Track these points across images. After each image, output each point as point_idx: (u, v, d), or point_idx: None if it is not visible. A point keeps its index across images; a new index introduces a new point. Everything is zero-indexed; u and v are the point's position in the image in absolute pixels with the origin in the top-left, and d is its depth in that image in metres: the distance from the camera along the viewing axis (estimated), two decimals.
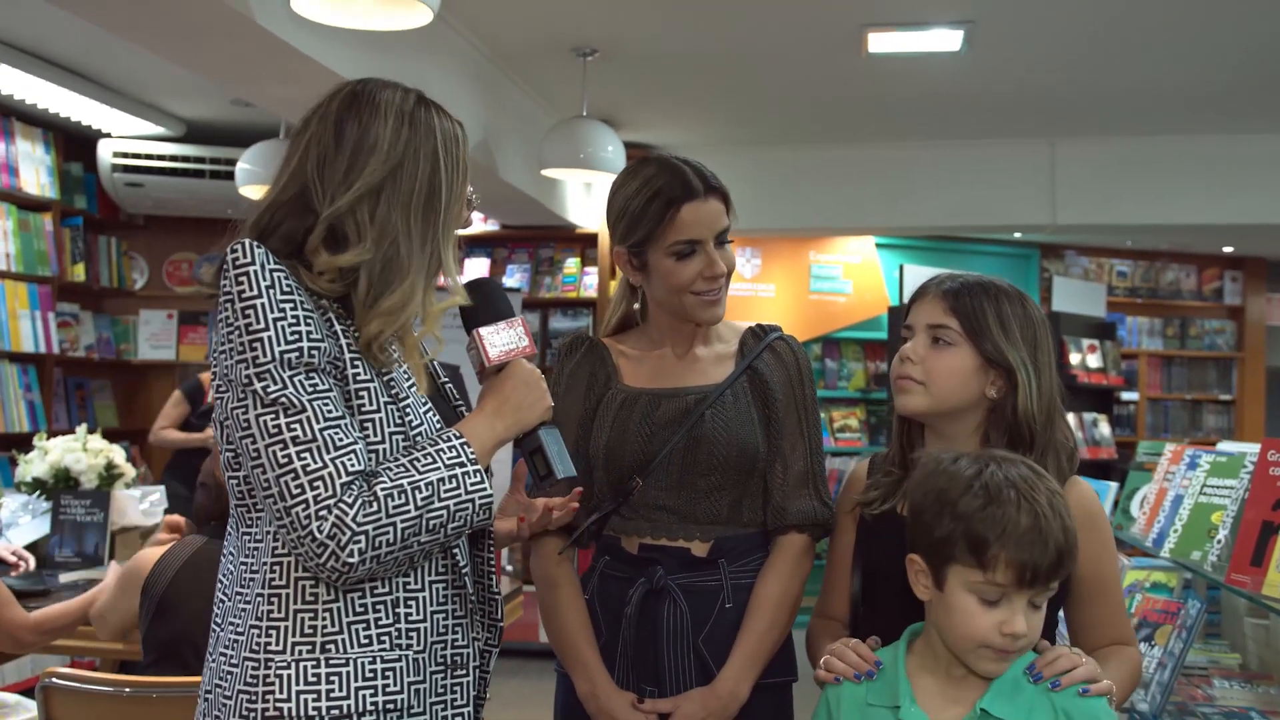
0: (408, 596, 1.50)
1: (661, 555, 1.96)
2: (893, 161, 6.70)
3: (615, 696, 1.92)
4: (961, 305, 1.78)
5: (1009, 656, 1.52)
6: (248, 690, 1.43)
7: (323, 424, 1.40)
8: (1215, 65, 5.14)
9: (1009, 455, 1.58)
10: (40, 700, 2.33)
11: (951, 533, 1.50)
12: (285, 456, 1.38)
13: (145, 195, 6.13)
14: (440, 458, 1.46)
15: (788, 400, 2.01)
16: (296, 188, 1.51)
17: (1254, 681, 2.41)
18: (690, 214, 1.94)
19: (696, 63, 5.19)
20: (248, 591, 1.47)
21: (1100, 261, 8.46)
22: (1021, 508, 1.48)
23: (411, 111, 1.54)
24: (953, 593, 1.52)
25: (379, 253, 1.48)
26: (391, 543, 1.40)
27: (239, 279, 1.41)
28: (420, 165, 1.52)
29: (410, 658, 1.49)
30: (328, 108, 1.54)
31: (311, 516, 1.37)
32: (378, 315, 1.48)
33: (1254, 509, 2.10)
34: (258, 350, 1.40)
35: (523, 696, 5.35)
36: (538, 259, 7.01)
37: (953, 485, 1.53)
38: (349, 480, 1.39)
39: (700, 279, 1.97)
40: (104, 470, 3.81)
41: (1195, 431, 8.56)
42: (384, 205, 1.49)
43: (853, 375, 7.61)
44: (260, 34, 3.36)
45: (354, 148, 1.50)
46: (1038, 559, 1.47)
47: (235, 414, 1.41)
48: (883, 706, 1.58)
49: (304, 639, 1.44)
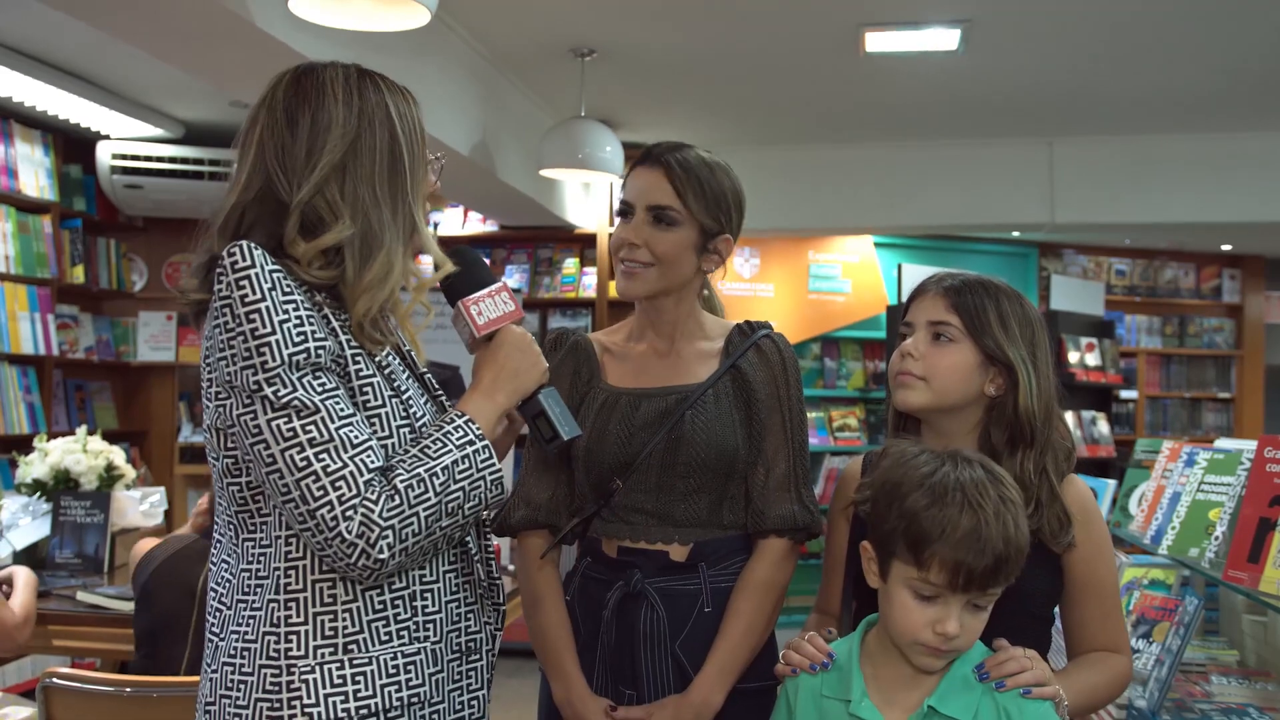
0: (424, 589, 1.51)
1: (640, 559, 1.94)
2: (891, 161, 6.71)
3: (590, 703, 1.91)
4: (963, 302, 1.79)
5: (942, 655, 1.53)
6: (268, 697, 1.41)
7: (337, 423, 1.39)
8: (1213, 63, 5.15)
9: (972, 457, 1.58)
10: (41, 700, 2.33)
11: (896, 527, 1.53)
12: (304, 459, 1.37)
13: (144, 197, 6.12)
14: (450, 440, 1.46)
15: (771, 401, 1.97)
16: (260, 183, 1.50)
17: (1252, 678, 2.42)
18: (632, 177, 1.99)
19: (694, 62, 5.19)
20: (255, 598, 1.45)
21: (1099, 260, 8.47)
22: (964, 511, 1.49)
23: (357, 84, 1.53)
24: (893, 585, 1.54)
25: (355, 228, 1.48)
26: (417, 533, 1.41)
27: (240, 283, 1.39)
28: (377, 134, 1.51)
29: (429, 649, 1.50)
30: (273, 98, 1.52)
31: (339, 518, 1.37)
32: (363, 291, 1.47)
33: (1251, 506, 2.10)
34: (266, 355, 1.38)
35: (523, 696, 5.36)
36: (536, 259, 7.01)
37: (905, 480, 1.55)
38: (370, 478, 1.39)
39: (622, 244, 1.97)
40: (104, 472, 3.81)
41: (1194, 429, 8.57)
42: (350, 180, 1.49)
43: (851, 374, 7.61)
44: (258, 36, 3.36)
45: (310, 131, 1.49)
46: (973, 563, 1.48)
47: (242, 420, 1.39)
48: (836, 699, 1.59)
49: (325, 641, 1.43)
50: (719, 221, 1.98)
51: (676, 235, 1.95)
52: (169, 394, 6.55)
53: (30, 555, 3.59)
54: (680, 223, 1.95)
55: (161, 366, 6.51)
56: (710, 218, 1.97)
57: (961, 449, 1.63)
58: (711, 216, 1.97)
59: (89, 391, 6.29)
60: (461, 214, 7.02)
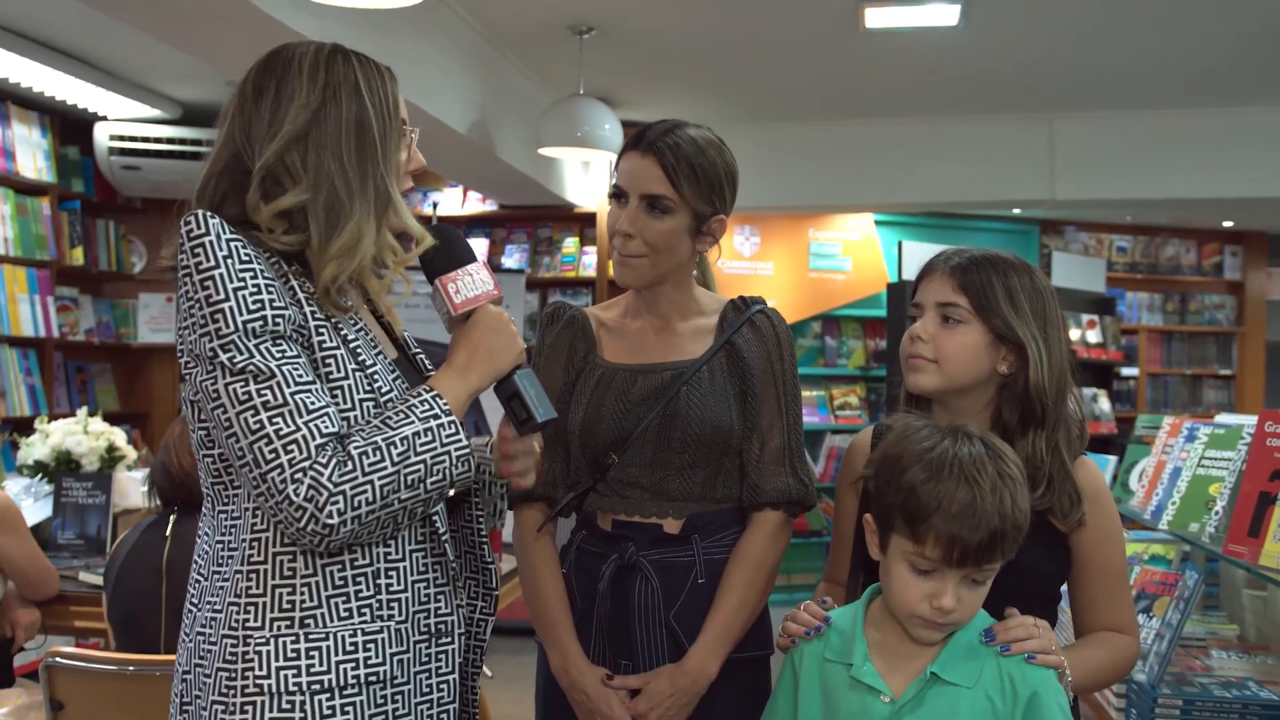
0: (388, 567, 1.50)
1: (634, 532, 1.96)
2: (891, 138, 6.68)
3: (587, 672, 1.93)
4: (970, 281, 1.77)
5: (939, 628, 1.54)
6: (227, 667, 1.43)
7: (293, 388, 1.39)
8: (1214, 39, 5.13)
9: (974, 432, 1.58)
10: (44, 679, 2.34)
11: (894, 501, 1.53)
12: (257, 423, 1.37)
13: (142, 178, 6.11)
14: (413, 413, 1.45)
15: (765, 376, 1.98)
16: (229, 154, 1.52)
17: (1251, 652, 2.43)
18: (624, 161, 1.99)
19: (693, 40, 5.17)
20: (225, 569, 1.47)
21: (1100, 237, 8.45)
22: (960, 486, 1.49)
23: (327, 59, 1.54)
24: (891, 559, 1.55)
25: (318, 196, 1.48)
26: (371, 501, 1.39)
27: (194, 250, 1.41)
28: (344, 105, 1.51)
29: (393, 628, 1.49)
30: (245, 78, 1.55)
31: (287, 480, 1.36)
32: (331, 259, 1.47)
33: (1251, 480, 2.11)
34: (220, 321, 1.39)
35: (525, 674, 5.36)
36: (536, 239, 7.01)
37: (906, 454, 1.55)
38: (323, 442, 1.38)
39: (615, 233, 1.98)
40: (105, 453, 3.82)
41: (1195, 406, 8.57)
42: (313, 150, 1.49)
43: (852, 353, 7.61)
44: (256, 15, 3.35)
45: (273, 101, 1.50)
46: (967, 538, 1.48)
47: (204, 386, 1.40)
48: (839, 663, 1.60)
49: (282, 614, 1.44)
50: (712, 204, 1.98)
51: (670, 223, 1.95)
52: (169, 375, 6.56)
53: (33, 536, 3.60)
54: (674, 210, 1.94)
55: (162, 348, 6.51)
56: (704, 201, 1.96)
57: (966, 424, 1.62)
58: (705, 200, 1.96)
59: (90, 373, 6.30)
60: (461, 193, 7.01)
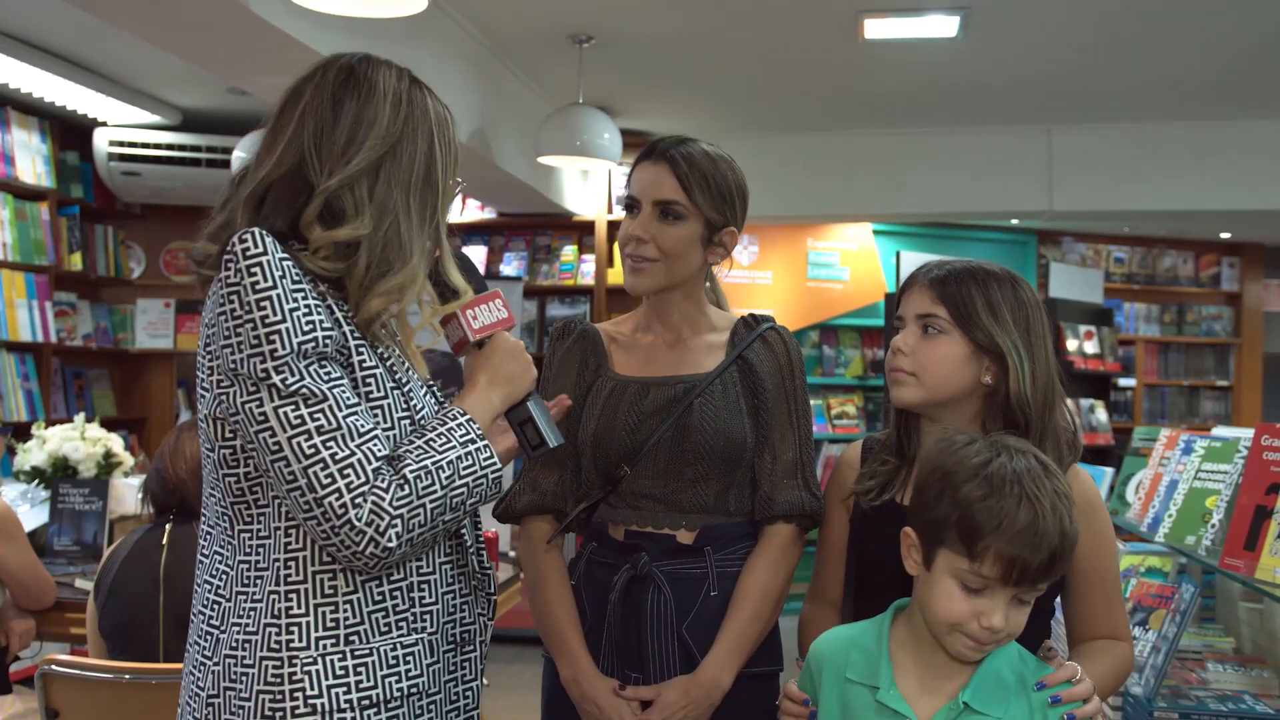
0: (420, 580, 1.51)
1: (647, 542, 1.96)
2: (889, 148, 6.69)
3: (598, 683, 1.92)
4: (949, 293, 1.77)
5: (983, 646, 1.51)
6: (270, 689, 1.41)
7: (344, 411, 1.40)
8: (1213, 50, 5.14)
9: (1022, 445, 1.56)
10: (40, 687, 2.33)
11: (947, 517, 1.49)
12: (311, 447, 1.37)
13: (141, 184, 6.11)
14: (454, 436, 1.47)
15: (778, 391, 1.99)
16: (293, 160, 1.49)
17: (1247, 665, 2.42)
18: (636, 172, 2.01)
19: (693, 49, 5.18)
20: (255, 590, 1.45)
21: (1097, 248, 8.47)
22: (1022, 504, 1.46)
23: (408, 91, 1.53)
24: (938, 574, 1.51)
25: (379, 231, 1.48)
26: (423, 523, 1.42)
27: (250, 269, 1.39)
28: (418, 144, 1.52)
29: (426, 640, 1.51)
30: (323, 79, 1.52)
31: (348, 505, 1.37)
32: (380, 295, 1.47)
33: (1248, 494, 2.11)
34: (275, 343, 1.38)
35: (522, 683, 5.37)
36: (535, 247, 7.01)
37: (959, 469, 1.51)
38: (379, 466, 1.39)
39: (628, 240, 1.99)
40: (102, 459, 3.81)
41: (1192, 417, 8.58)
42: (383, 183, 1.49)
43: (850, 362, 7.61)
44: (256, 22, 3.35)
45: (352, 123, 1.49)
46: (1028, 558, 1.46)
47: (247, 408, 1.39)
48: (862, 684, 1.57)
49: (327, 632, 1.43)
50: (724, 214, 2.00)
51: (683, 230, 1.97)
52: (167, 381, 6.56)
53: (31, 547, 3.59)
54: (686, 217, 1.97)
55: (160, 354, 6.51)
56: (715, 211, 1.98)
57: (1007, 437, 1.60)
58: (717, 210, 1.98)
59: (87, 379, 6.29)
60: (460, 201, 7.01)
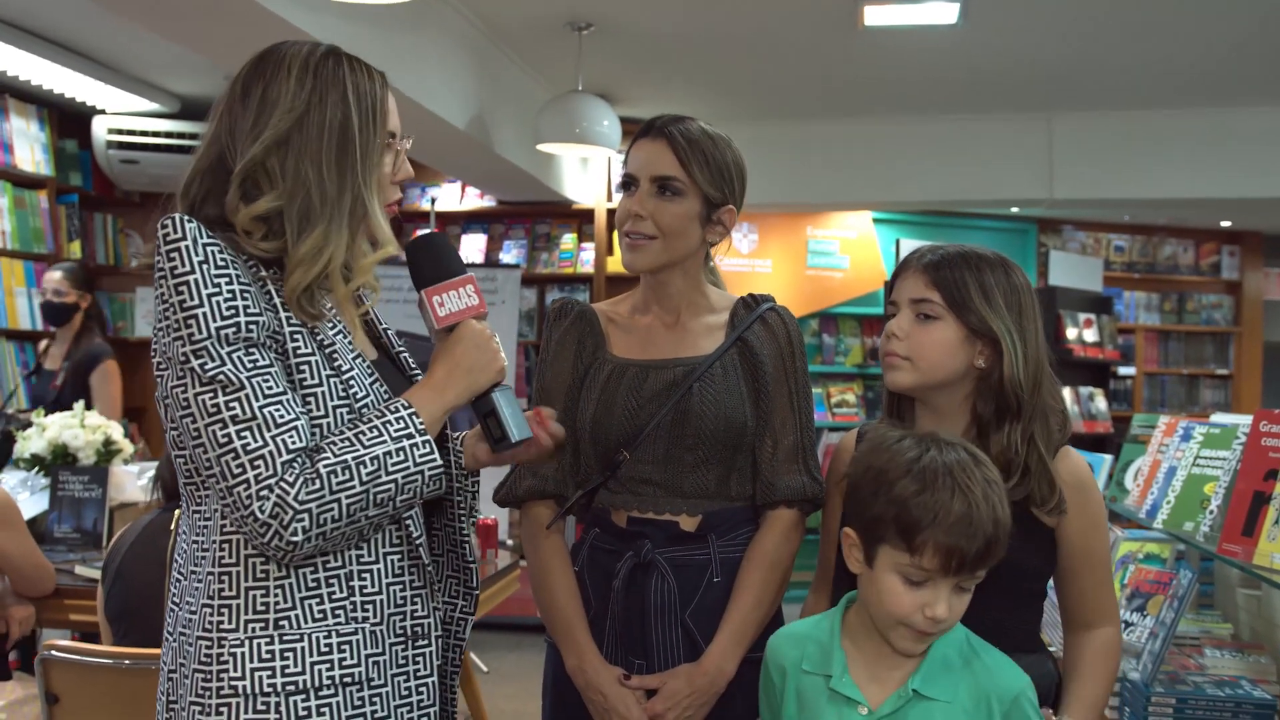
0: (361, 570, 1.50)
1: (650, 529, 1.95)
2: (889, 136, 6.68)
3: (603, 671, 1.91)
4: (943, 278, 1.78)
5: (927, 638, 1.54)
6: (202, 669, 1.43)
7: (262, 401, 1.39)
8: (1214, 38, 5.13)
9: (952, 440, 1.59)
10: (40, 673, 2.34)
11: (885, 514, 1.52)
12: (225, 435, 1.38)
13: (140, 172, 6.11)
14: (387, 430, 1.45)
15: (778, 374, 1.98)
16: (215, 153, 1.52)
17: (1245, 651, 2.43)
18: (634, 150, 2.00)
19: (692, 36, 5.17)
20: (200, 570, 1.47)
21: (1097, 236, 8.46)
22: (955, 496, 1.50)
23: (317, 63, 1.53)
24: (880, 571, 1.54)
25: (295, 202, 1.48)
26: (337, 519, 1.40)
27: (170, 254, 1.41)
28: (328, 113, 1.51)
29: (367, 630, 1.49)
30: (238, 75, 1.55)
31: (253, 496, 1.37)
32: (297, 265, 1.47)
33: (1246, 480, 2.11)
34: (193, 327, 1.39)
35: (522, 670, 5.38)
36: (534, 235, 7.00)
37: (891, 466, 1.54)
38: (290, 459, 1.38)
39: (626, 217, 1.98)
40: (102, 446, 3.82)
41: (1192, 406, 8.58)
42: (293, 155, 1.49)
43: (850, 350, 7.61)
44: (254, 10, 3.35)
45: (259, 103, 1.50)
46: (965, 547, 1.49)
47: (175, 392, 1.41)
48: (816, 674, 1.60)
49: (256, 616, 1.43)
50: (722, 192, 1.98)
51: (681, 206, 1.95)
52: None
53: (29, 530, 3.60)
54: (685, 193, 1.95)
55: None
56: (714, 188, 1.97)
57: (937, 430, 1.63)
58: (715, 187, 1.97)
59: None
60: (459, 189, 7.00)
